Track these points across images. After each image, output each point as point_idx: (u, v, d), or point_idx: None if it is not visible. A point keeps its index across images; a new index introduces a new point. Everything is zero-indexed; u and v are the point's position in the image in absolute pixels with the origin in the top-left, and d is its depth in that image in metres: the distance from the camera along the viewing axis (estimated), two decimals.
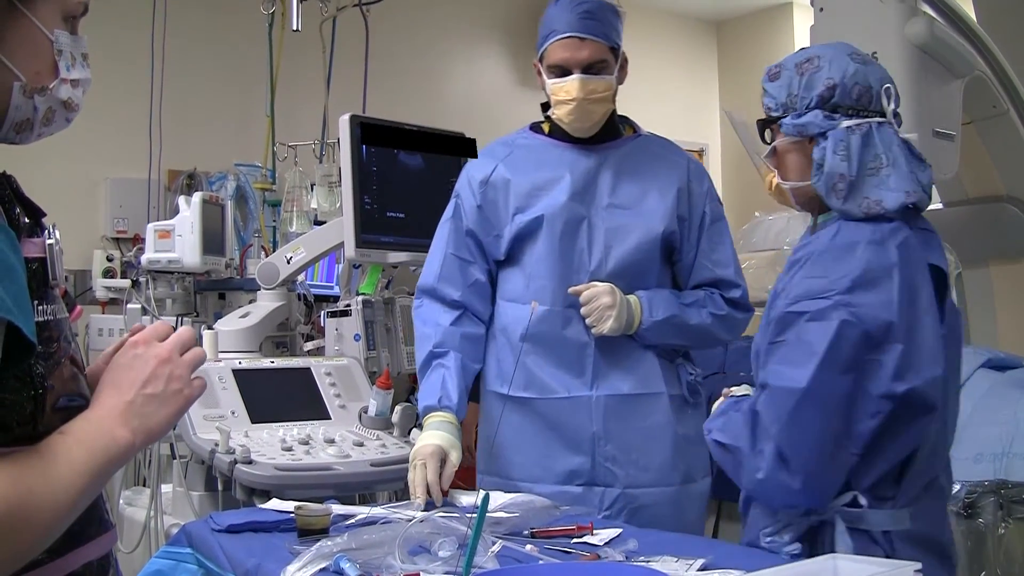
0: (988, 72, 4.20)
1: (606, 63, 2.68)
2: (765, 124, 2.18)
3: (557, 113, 2.74)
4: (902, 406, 1.93)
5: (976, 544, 3.00)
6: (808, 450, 1.91)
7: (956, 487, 3.07)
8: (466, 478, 4.69)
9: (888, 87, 2.11)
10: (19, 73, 1.36)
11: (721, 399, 2.23)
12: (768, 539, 2.06)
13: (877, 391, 1.92)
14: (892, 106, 2.11)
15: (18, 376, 1.22)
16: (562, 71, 2.69)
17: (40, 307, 1.29)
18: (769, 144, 2.18)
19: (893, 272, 1.96)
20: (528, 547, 2.04)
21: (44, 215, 1.41)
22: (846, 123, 2.06)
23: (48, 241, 1.37)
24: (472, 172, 2.82)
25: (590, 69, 2.67)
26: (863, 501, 1.99)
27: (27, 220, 1.36)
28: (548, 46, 2.70)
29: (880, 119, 2.09)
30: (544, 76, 2.73)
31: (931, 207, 2.15)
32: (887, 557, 1.96)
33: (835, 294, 1.94)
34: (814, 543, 2.03)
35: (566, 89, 2.68)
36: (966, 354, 3.52)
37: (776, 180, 2.18)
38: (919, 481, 2.03)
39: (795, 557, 2.00)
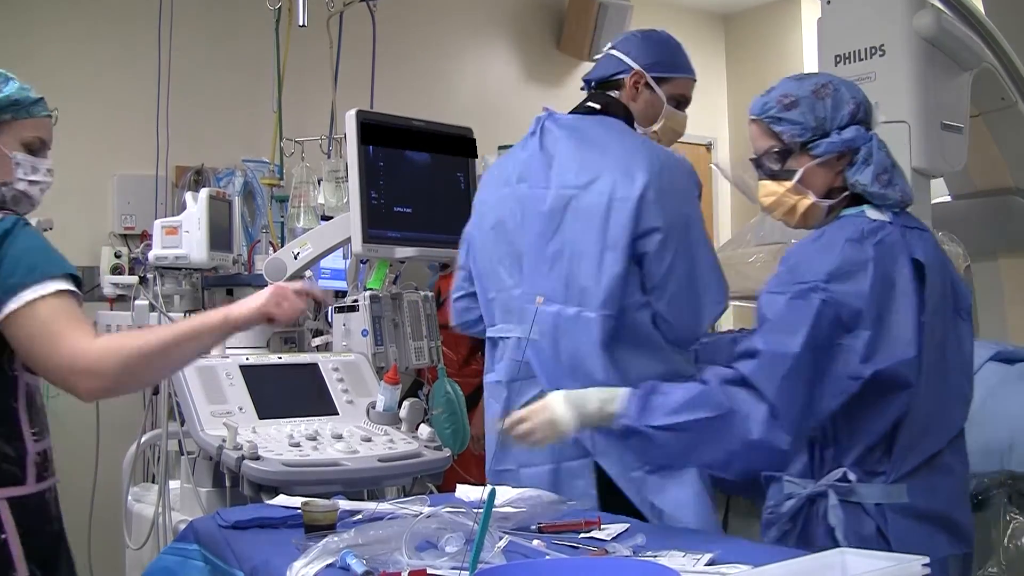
0: (996, 64, 4.19)
1: None
2: (788, 152, 2.32)
3: (663, 136, 2.95)
4: (871, 385, 2.12)
5: (984, 536, 3.00)
6: (797, 411, 2.09)
7: None
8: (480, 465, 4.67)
9: (877, 101, 2.35)
10: None
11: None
12: (769, 512, 2.33)
13: (845, 373, 2.11)
14: (882, 118, 2.35)
15: None
16: (678, 104, 2.97)
17: None
18: (781, 171, 2.34)
19: (868, 266, 2.15)
20: (535, 542, 2.04)
21: None
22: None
23: None
24: None
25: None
26: (852, 476, 2.20)
27: None
28: (677, 79, 2.98)
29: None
30: (661, 97, 2.92)
31: (940, 200, 2.25)
32: (878, 529, 2.17)
33: (814, 281, 2.14)
34: (809, 515, 2.26)
35: (682, 123, 3.00)
36: (975, 347, 3.53)
37: (811, 200, 2.32)
38: (912, 457, 2.19)
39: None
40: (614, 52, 2.94)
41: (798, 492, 2.28)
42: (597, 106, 2.85)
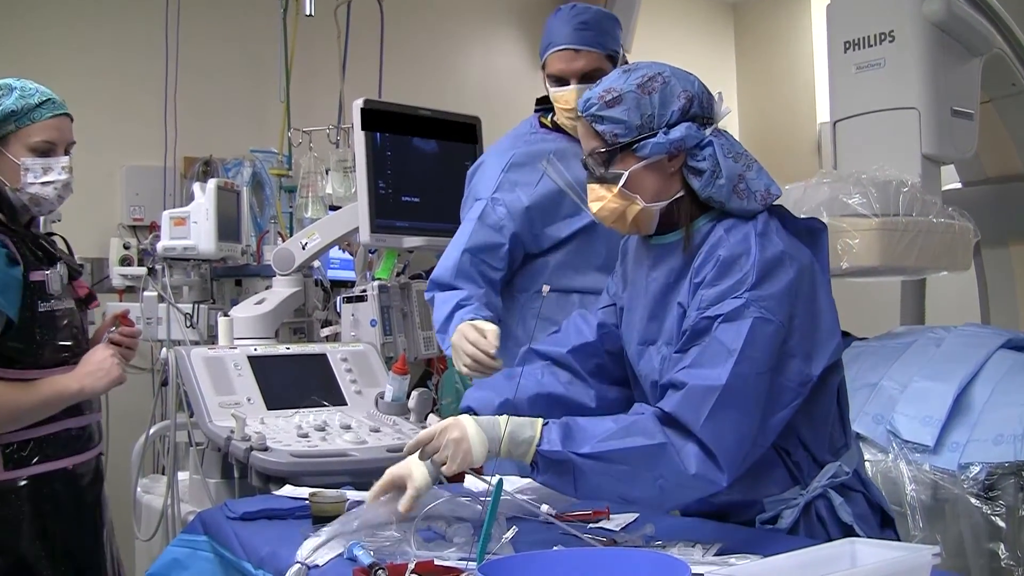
0: (1007, 50, 4.17)
1: (603, 71, 2.78)
2: (612, 153, 2.08)
3: (560, 119, 2.95)
4: (819, 380, 2.01)
5: (996, 526, 2.98)
6: (733, 444, 1.90)
7: (976, 468, 3.05)
8: None
9: (720, 92, 2.15)
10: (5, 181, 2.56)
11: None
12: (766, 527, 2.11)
13: (795, 381, 1.97)
14: (727, 109, 2.15)
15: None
16: (560, 81, 2.89)
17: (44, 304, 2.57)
18: (607, 174, 2.09)
19: (784, 258, 1.99)
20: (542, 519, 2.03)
21: (58, 259, 2.66)
22: (707, 130, 2.09)
23: (47, 272, 2.59)
24: (516, 177, 2.94)
25: (587, 78, 2.82)
26: (846, 468, 2.11)
27: (41, 254, 2.62)
28: (547, 57, 2.92)
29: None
30: (546, 83, 2.94)
31: (950, 187, 2.18)
32: (864, 495, 2.13)
33: (744, 291, 1.95)
34: (808, 523, 2.09)
35: (565, 98, 2.88)
36: (986, 335, 3.51)
37: (640, 206, 2.09)
38: (847, 416, 2.19)
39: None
40: None
41: (792, 503, 2.09)
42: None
